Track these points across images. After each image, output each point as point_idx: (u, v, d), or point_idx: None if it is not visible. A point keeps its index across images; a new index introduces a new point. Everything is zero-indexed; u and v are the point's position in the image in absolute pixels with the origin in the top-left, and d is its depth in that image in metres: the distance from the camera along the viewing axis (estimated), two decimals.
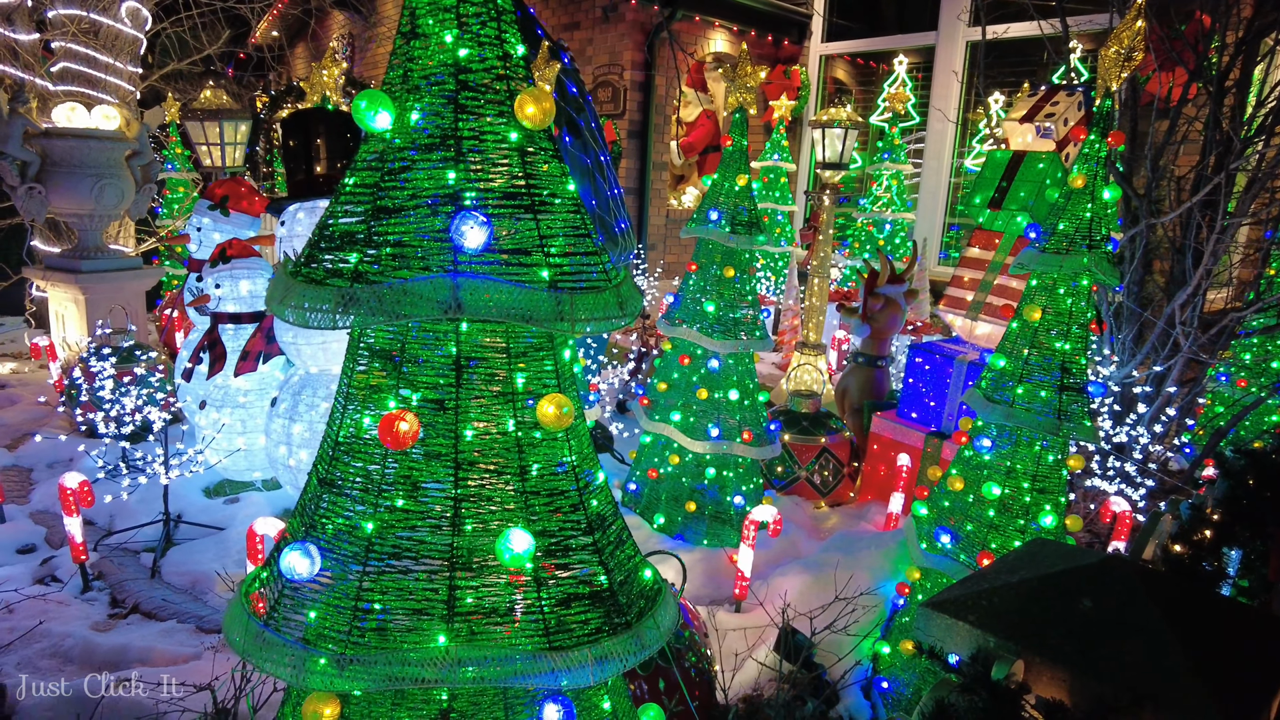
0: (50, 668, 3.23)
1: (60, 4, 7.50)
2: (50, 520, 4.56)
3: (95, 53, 7.72)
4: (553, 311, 1.17)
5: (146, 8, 7.98)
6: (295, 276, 1.20)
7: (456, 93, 1.18)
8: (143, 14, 7.95)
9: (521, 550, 1.22)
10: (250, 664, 1.25)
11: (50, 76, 7.56)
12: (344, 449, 1.28)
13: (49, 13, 7.48)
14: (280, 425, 4.18)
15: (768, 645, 3.21)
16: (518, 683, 1.26)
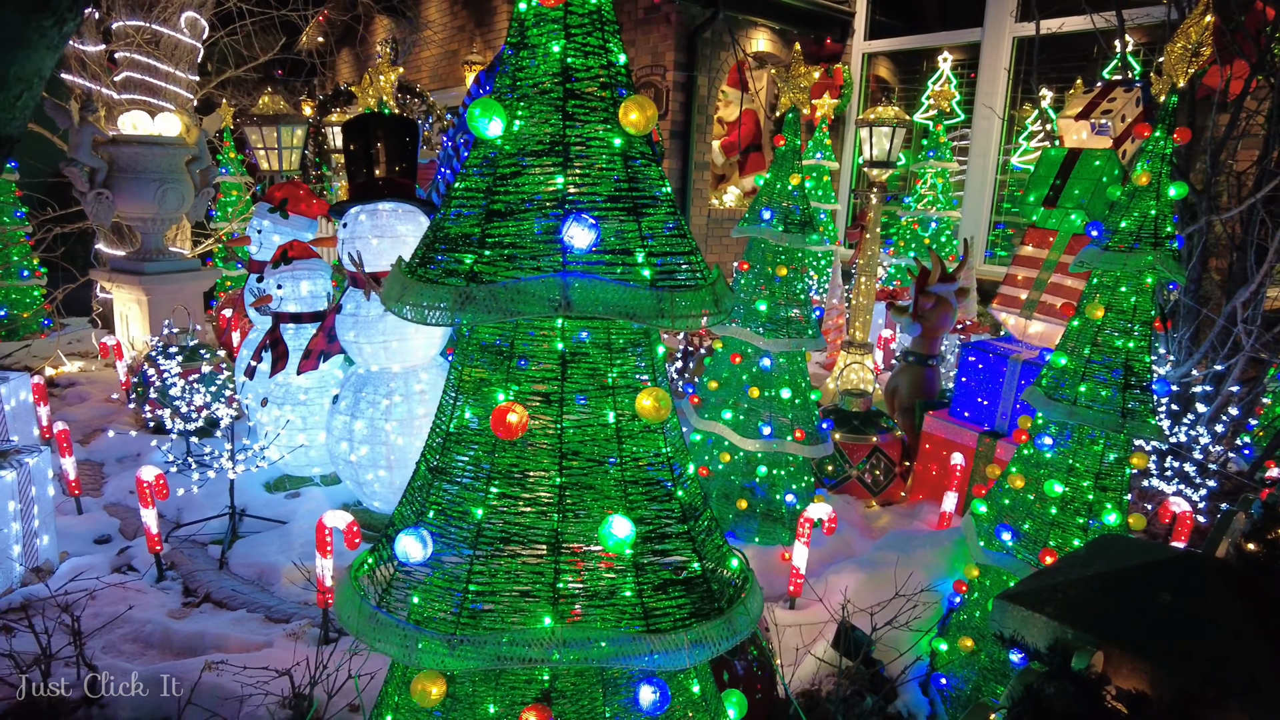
0: (132, 651, 3.37)
1: (124, 15, 7.77)
2: (122, 512, 4.74)
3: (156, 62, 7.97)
4: (654, 309, 1.23)
5: (204, 17, 8.23)
6: (412, 276, 1.27)
7: (564, 100, 1.24)
8: (200, 24, 8.19)
9: (623, 536, 1.27)
10: (363, 643, 1.32)
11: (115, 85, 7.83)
12: (454, 439, 1.35)
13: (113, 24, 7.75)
14: (342, 422, 4.30)
15: (825, 641, 3.24)
16: (617, 664, 1.32)
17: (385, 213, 4.16)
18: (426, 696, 1.34)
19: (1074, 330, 2.92)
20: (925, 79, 9.48)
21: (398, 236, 4.17)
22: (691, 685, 1.48)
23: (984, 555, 2.98)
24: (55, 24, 0.93)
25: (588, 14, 1.25)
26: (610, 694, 1.39)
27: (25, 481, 3.73)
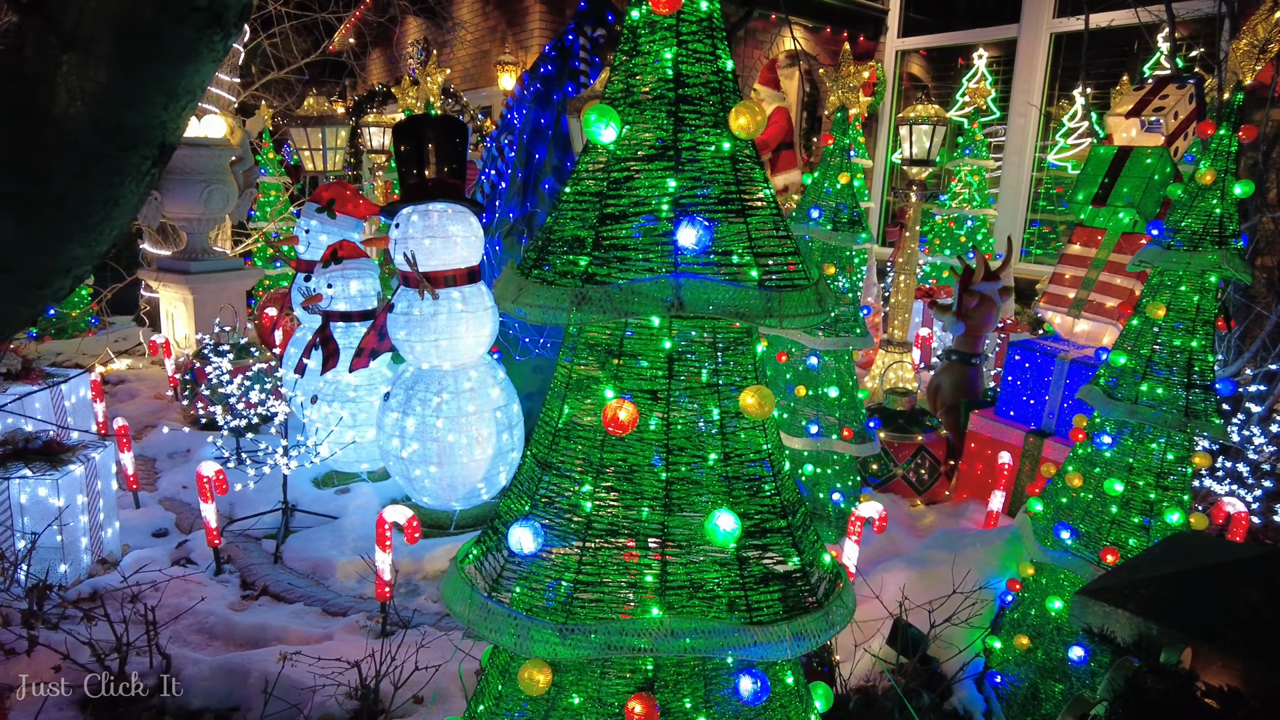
0: (197, 642, 3.46)
1: None
2: (177, 507, 4.86)
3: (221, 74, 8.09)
4: (763, 308, 1.26)
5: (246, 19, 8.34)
6: (527, 277, 1.31)
7: (676, 106, 1.28)
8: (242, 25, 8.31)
9: (728, 531, 1.31)
10: (476, 632, 1.37)
11: None
12: (563, 434, 1.39)
13: None
14: (393, 419, 4.37)
15: (880, 638, 3.26)
16: (722, 654, 1.36)
17: (436, 213, 4.22)
18: (534, 684, 1.38)
19: (1133, 329, 2.91)
20: (959, 76, 9.42)
21: (449, 237, 4.23)
22: (786, 676, 1.52)
23: (1041, 553, 2.98)
24: (223, 38, 0.97)
25: (698, 21, 1.28)
26: (711, 684, 1.42)
27: (92, 475, 3.83)
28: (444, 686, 2.99)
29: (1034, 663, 3.02)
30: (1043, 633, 3.01)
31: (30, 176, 0.96)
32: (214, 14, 0.93)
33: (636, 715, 1.35)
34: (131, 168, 1.01)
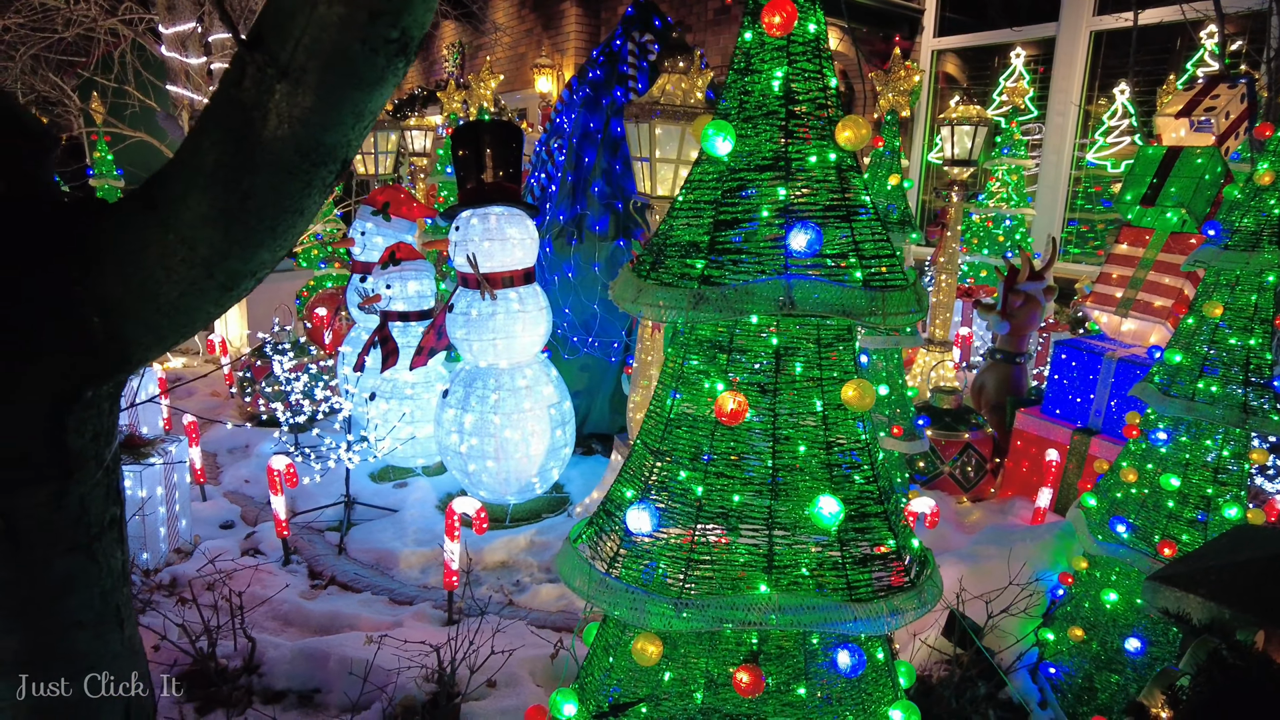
0: (273, 628, 3.62)
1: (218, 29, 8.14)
2: (241, 500, 5.04)
3: None
4: (867, 307, 1.36)
5: None
6: (646, 279, 1.43)
7: (787, 120, 1.38)
8: None
9: (831, 515, 1.41)
10: (595, 606, 1.48)
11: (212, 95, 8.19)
12: (675, 424, 1.50)
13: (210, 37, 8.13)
14: (452, 415, 4.51)
15: (934, 630, 3.34)
16: (824, 628, 1.46)
17: (494, 216, 4.35)
18: (645, 655, 1.49)
19: (1189, 327, 2.97)
20: (996, 75, 9.41)
21: (506, 239, 4.36)
22: (876, 652, 1.62)
23: (1096, 547, 3.05)
24: (404, 65, 1.09)
25: (807, 43, 1.38)
26: (812, 658, 1.53)
27: (169, 468, 4.01)
28: (514, 671, 3.12)
29: (1089, 654, 3.09)
30: (1097, 625, 3.07)
31: (237, 191, 1.09)
32: (402, 45, 1.05)
33: (743, 684, 1.46)
34: (320, 182, 1.13)
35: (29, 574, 1.29)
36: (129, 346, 1.22)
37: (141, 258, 1.13)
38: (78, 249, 1.14)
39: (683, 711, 1.55)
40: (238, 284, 1.19)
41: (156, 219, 1.11)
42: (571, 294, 5.37)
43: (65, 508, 1.29)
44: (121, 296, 1.16)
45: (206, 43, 8.23)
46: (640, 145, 3.70)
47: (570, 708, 1.63)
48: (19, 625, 1.32)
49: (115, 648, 1.48)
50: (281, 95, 1.03)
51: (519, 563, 4.26)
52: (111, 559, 1.42)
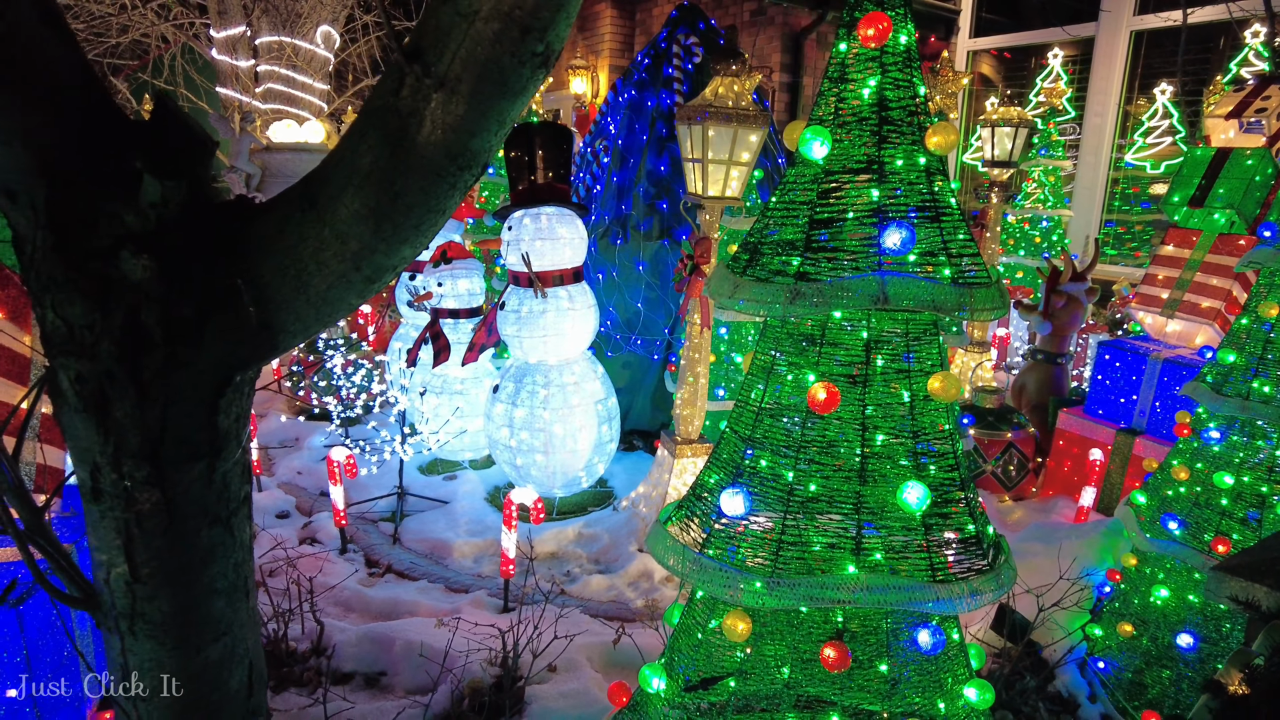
0: (336, 613, 3.74)
1: (266, 32, 8.35)
2: (294, 490, 5.18)
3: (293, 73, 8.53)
4: (956, 302, 1.44)
5: (337, 31, 8.77)
6: (743, 276, 1.51)
7: (880, 126, 1.46)
8: (333, 36, 8.74)
9: (916, 500, 1.49)
10: (689, 584, 1.57)
11: (258, 96, 8.42)
12: (767, 413, 1.59)
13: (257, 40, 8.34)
14: (502, 410, 4.63)
15: (982, 624, 3.39)
16: (908, 607, 1.54)
17: (546, 216, 4.46)
18: (734, 631, 1.58)
19: (1243, 328, 3.00)
20: (1033, 75, 9.39)
21: (557, 238, 4.46)
22: (953, 633, 1.69)
23: (1147, 544, 3.09)
24: (544, 75, 1.19)
25: (899, 54, 1.47)
26: (894, 636, 1.61)
27: None
28: (573, 657, 3.21)
29: (1138, 649, 3.13)
30: (1147, 621, 3.12)
31: (390, 192, 1.19)
32: (545, 58, 1.14)
33: (830, 660, 1.54)
34: (462, 184, 1.23)
35: (179, 544, 1.41)
36: (278, 335, 1.32)
37: (297, 251, 1.23)
38: (239, 244, 1.25)
39: (769, 686, 1.63)
40: (380, 277, 1.30)
41: (315, 216, 1.21)
42: (615, 293, 5.47)
43: (212, 483, 1.40)
44: (276, 287, 1.27)
45: (254, 46, 8.44)
46: (692, 146, 3.78)
47: (658, 681, 1.72)
48: (168, 590, 1.43)
49: (242, 615, 1.59)
50: (437, 104, 1.13)
51: (568, 554, 4.37)
52: (243, 533, 1.54)
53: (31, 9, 1.05)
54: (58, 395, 1.31)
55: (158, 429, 1.28)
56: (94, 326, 1.21)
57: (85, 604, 1.50)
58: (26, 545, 1.42)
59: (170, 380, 1.25)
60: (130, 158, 1.16)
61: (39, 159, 1.13)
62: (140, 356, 1.22)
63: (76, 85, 1.15)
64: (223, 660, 1.54)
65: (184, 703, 1.54)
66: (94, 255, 1.18)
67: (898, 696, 1.63)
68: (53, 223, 1.17)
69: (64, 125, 1.14)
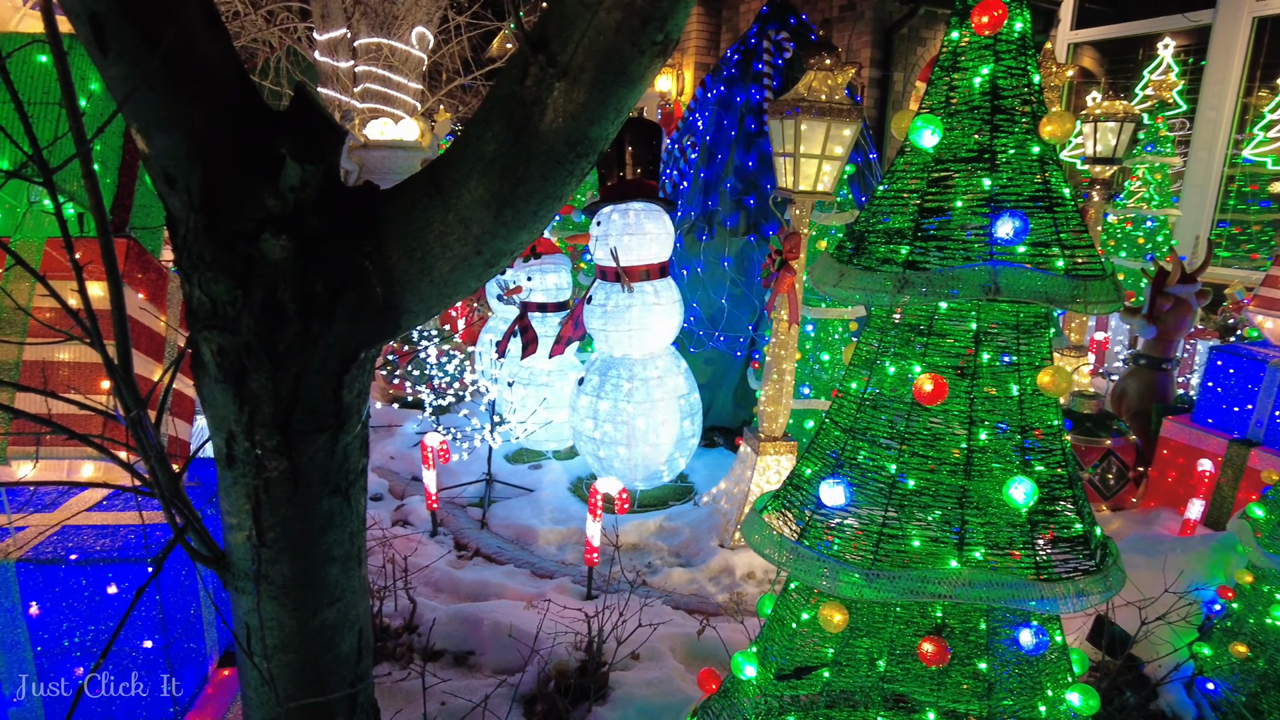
0: (426, 593, 3.88)
1: (365, 34, 8.68)
2: (387, 475, 5.38)
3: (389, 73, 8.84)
4: (1069, 294, 1.40)
5: (431, 32, 9.04)
6: (848, 264, 1.51)
7: (992, 115, 1.44)
8: (427, 37, 9.01)
9: (1023, 496, 1.46)
10: (786, 572, 1.58)
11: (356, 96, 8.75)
12: (869, 404, 1.58)
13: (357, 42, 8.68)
14: (587, 402, 4.70)
15: (1077, 635, 3.27)
16: (1011, 604, 1.51)
17: (634, 212, 4.50)
18: (830, 622, 1.58)
19: None
20: (1139, 68, 8.95)
21: (645, 234, 4.51)
22: (1056, 634, 1.65)
23: (1266, 560, 2.92)
24: (663, 63, 1.22)
25: (1014, 41, 1.44)
26: (994, 634, 1.58)
27: None
28: (655, 646, 3.25)
29: (1254, 672, 2.96)
30: (1265, 642, 2.95)
31: (512, 178, 1.24)
32: (664, 46, 1.17)
33: (928, 654, 1.52)
34: (579, 170, 1.27)
35: (302, 510, 1.50)
36: (402, 314, 1.39)
37: (424, 235, 1.30)
38: (369, 227, 1.32)
39: (864, 679, 1.62)
40: (498, 261, 1.35)
41: (441, 201, 1.27)
42: (699, 289, 5.48)
43: (334, 455, 1.49)
44: (403, 269, 1.33)
45: (354, 47, 8.78)
46: (784, 141, 3.76)
47: (751, 669, 1.74)
48: (290, 554, 1.52)
49: (355, 582, 1.68)
50: (559, 92, 1.17)
51: (649, 546, 4.41)
52: (359, 504, 1.62)
53: (197, 8, 1.14)
54: (199, 366, 1.41)
55: (289, 400, 1.36)
56: (236, 302, 1.30)
57: (216, 564, 1.61)
58: (170, 507, 1.53)
59: (302, 354, 1.33)
60: (274, 144, 1.24)
61: (196, 146, 1.22)
62: (276, 331, 1.31)
63: (229, 78, 1.23)
64: (336, 624, 1.62)
65: (300, 661, 1.64)
66: (239, 236, 1.27)
67: (994, 698, 1.60)
68: (205, 205, 1.26)
69: (218, 115, 1.22)
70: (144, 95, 1.20)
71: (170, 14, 1.13)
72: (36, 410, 1.64)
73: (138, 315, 2.14)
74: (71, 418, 1.65)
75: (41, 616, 1.87)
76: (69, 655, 1.90)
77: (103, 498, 2.16)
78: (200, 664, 2.14)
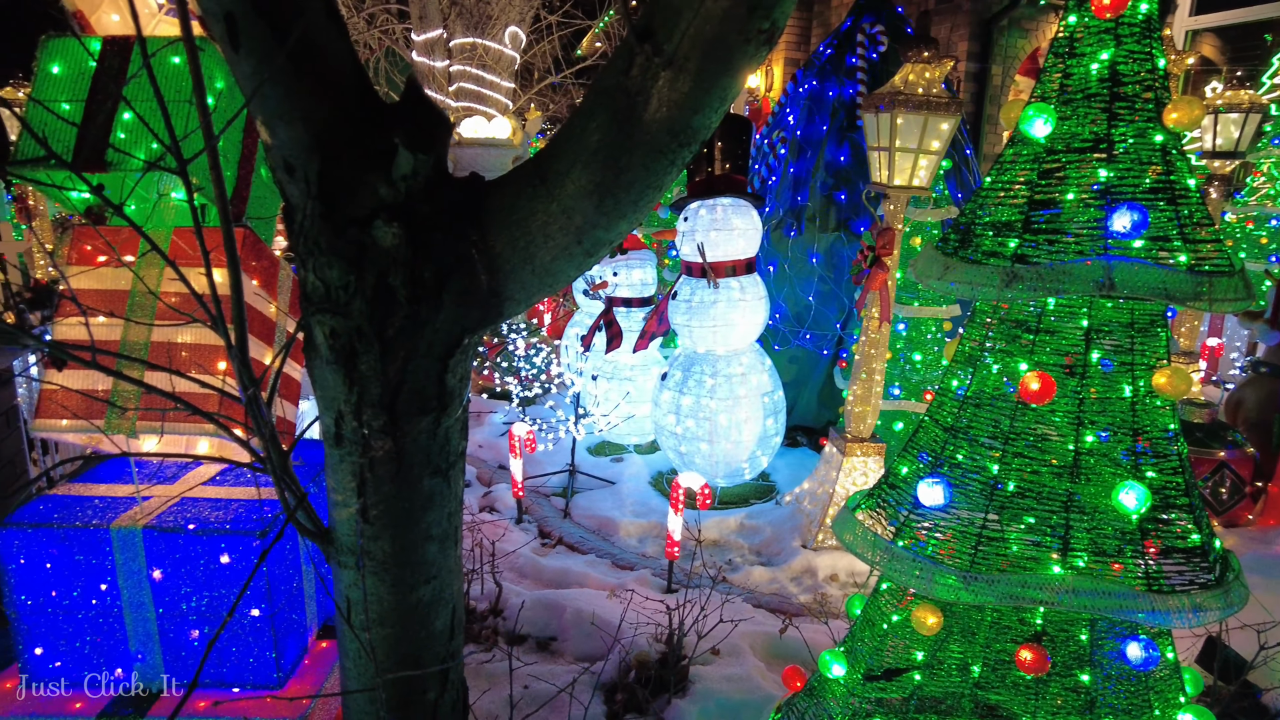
0: (511, 578, 3.96)
1: (460, 33, 8.91)
2: (475, 463, 5.52)
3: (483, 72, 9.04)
4: (1192, 291, 1.33)
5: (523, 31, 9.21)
6: (953, 257, 1.47)
7: (1110, 103, 1.38)
8: (520, 37, 9.19)
9: (1134, 503, 1.39)
10: (879, 571, 1.55)
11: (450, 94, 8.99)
12: (972, 402, 1.54)
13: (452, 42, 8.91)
14: (670, 398, 4.71)
15: (1187, 655, 3.10)
16: (1118, 615, 1.44)
17: (721, 207, 4.49)
18: (924, 625, 1.54)
19: None
20: (1266, 55, 8.37)
21: (732, 229, 4.49)
22: (1167, 651, 1.57)
23: None
24: (768, 52, 1.21)
25: (1138, 23, 1.37)
26: (1097, 646, 1.51)
27: None
28: (736, 643, 3.24)
29: None
30: None
31: (614, 168, 1.26)
32: (770, 34, 1.16)
33: (1026, 662, 1.47)
34: (680, 160, 1.28)
35: (404, 489, 1.55)
36: (504, 301, 1.43)
37: (528, 224, 1.33)
38: (475, 216, 1.36)
39: (956, 685, 1.58)
40: (597, 250, 1.37)
41: (545, 190, 1.30)
42: (786, 285, 5.42)
43: (436, 436, 1.54)
44: (506, 257, 1.37)
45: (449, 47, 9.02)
46: (879, 135, 3.68)
47: (839, 668, 1.71)
48: (391, 532, 1.58)
49: (451, 562, 1.73)
50: (664, 82, 1.18)
51: (730, 543, 4.39)
52: (458, 486, 1.67)
53: (320, 6, 1.20)
54: (311, 349, 1.48)
55: (396, 382, 1.42)
56: (348, 287, 1.36)
57: (321, 539, 1.68)
58: (280, 483, 1.61)
59: (410, 338, 1.38)
60: (388, 134, 1.29)
61: (316, 137, 1.28)
62: (386, 315, 1.36)
63: (348, 72, 1.29)
64: (432, 601, 1.68)
65: (396, 636, 1.70)
66: (353, 223, 1.33)
67: (1096, 714, 1.53)
68: (322, 193, 1.32)
69: (337, 107, 1.28)
70: (271, 89, 1.26)
71: (297, 11, 1.19)
72: (162, 389, 1.75)
73: (252, 300, 2.26)
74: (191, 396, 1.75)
75: (163, 581, 2.00)
76: (186, 618, 2.02)
77: (217, 473, 2.28)
78: (301, 635, 2.24)
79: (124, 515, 2.01)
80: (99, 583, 2.01)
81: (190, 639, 2.04)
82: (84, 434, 2.10)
